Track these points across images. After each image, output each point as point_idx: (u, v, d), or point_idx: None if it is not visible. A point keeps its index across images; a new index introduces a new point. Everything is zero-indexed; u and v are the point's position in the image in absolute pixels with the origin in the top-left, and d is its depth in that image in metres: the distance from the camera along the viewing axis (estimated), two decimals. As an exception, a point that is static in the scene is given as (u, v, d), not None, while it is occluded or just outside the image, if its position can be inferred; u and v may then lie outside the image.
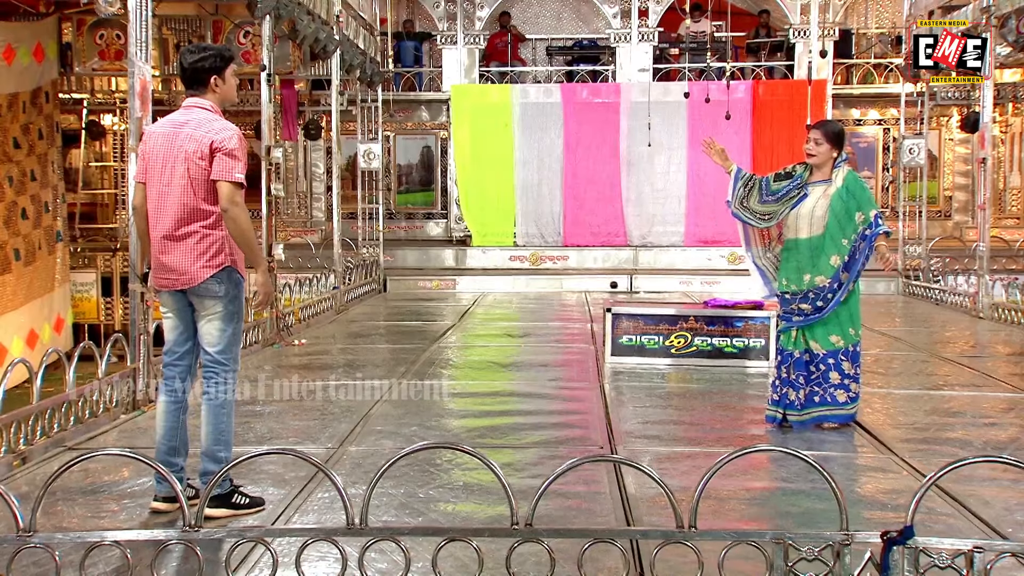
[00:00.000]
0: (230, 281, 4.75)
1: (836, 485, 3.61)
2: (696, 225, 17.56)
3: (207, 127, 4.66)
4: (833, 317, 6.30)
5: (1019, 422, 6.83)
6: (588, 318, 12.22)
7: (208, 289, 4.71)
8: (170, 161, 4.69)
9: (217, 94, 4.79)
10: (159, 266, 4.76)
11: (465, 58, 18.81)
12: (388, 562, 3.86)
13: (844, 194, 6.22)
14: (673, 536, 3.63)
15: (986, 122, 12.87)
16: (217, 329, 4.76)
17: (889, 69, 18.52)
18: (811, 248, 6.27)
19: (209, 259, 4.68)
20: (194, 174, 4.65)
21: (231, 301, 4.77)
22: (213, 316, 4.75)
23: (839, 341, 6.33)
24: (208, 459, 4.74)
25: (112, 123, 18.93)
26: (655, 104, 16.59)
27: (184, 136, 4.67)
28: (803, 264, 6.30)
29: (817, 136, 6.31)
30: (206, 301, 4.74)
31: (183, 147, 4.66)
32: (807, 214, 6.26)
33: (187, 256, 4.69)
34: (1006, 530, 4.46)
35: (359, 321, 12.46)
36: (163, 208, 4.71)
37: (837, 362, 6.33)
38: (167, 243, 4.71)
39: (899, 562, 3.47)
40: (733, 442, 6.17)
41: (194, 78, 4.76)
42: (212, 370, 4.78)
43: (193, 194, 4.66)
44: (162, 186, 4.71)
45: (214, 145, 4.61)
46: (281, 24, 11.20)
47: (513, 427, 6.67)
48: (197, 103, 4.77)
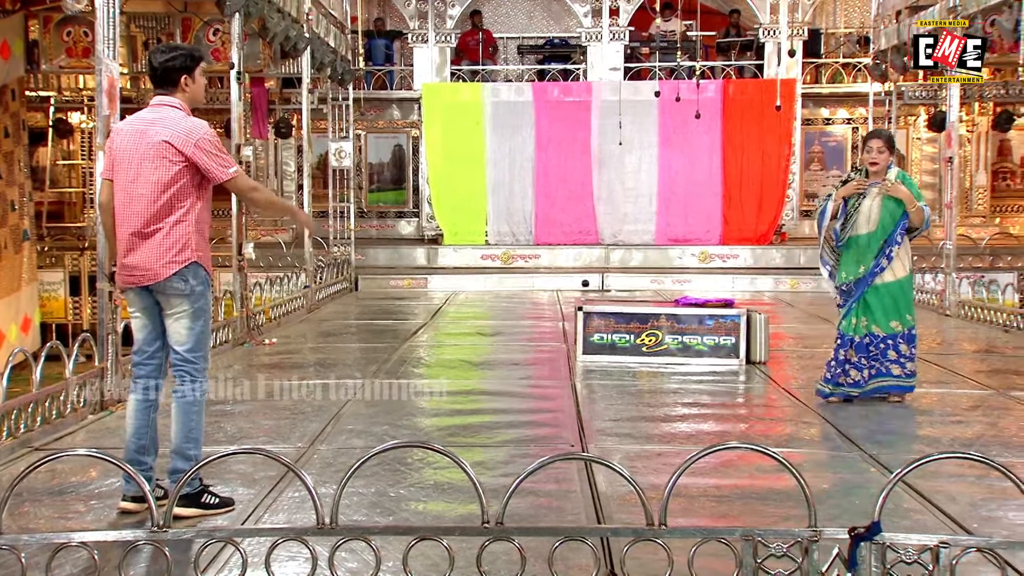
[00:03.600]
0: (196, 278, 4.73)
1: (804, 482, 3.63)
2: (667, 224, 17.62)
3: (178, 126, 4.66)
4: (892, 305, 7.00)
5: (985, 419, 6.90)
6: (560, 316, 12.24)
7: (173, 287, 4.69)
8: (138, 159, 4.68)
9: (187, 93, 4.80)
10: (125, 263, 4.75)
11: (436, 57, 18.78)
12: (359, 561, 3.85)
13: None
14: (643, 534, 3.65)
15: (952, 121, 12.99)
16: (185, 328, 4.74)
17: (857, 69, 18.66)
18: (868, 243, 6.98)
19: (175, 255, 4.68)
20: (163, 171, 4.64)
21: (198, 299, 4.75)
22: (180, 315, 4.73)
23: (898, 326, 7.01)
24: (178, 457, 4.72)
25: (80, 121, 18.76)
26: (626, 103, 16.63)
27: (153, 134, 4.66)
28: (860, 256, 7.01)
29: (879, 145, 6.96)
30: (172, 299, 4.72)
31: (152, 145, 4.65)
32: (865, 213, 6.96)
33: (153, 252, 4.67)
34: (971, 525, 4.50)
35: (330, 320, 12.42)
36: (130, 205, 4.71)
37: (896, 344, 7.02)
38: (134, 240, 4.70)
39: (866, 558, 3.50)
40: (704, 440, 6.20)
41: (164, 77, 4.76)
42: (182, 369, 4.77)
43: (161, 191, 4.65)
44: (129, 183, 4.71)
45: (195, 147, 4.63)
46: (251, 22, 11.15)
47: (484, 426, 6.67)
48: (166, 102, 4.76)
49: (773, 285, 16.11)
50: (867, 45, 17.99)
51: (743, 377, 8.52)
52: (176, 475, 4.63)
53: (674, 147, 17.52)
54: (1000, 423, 6.80)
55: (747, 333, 8.85)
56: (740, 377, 8.52)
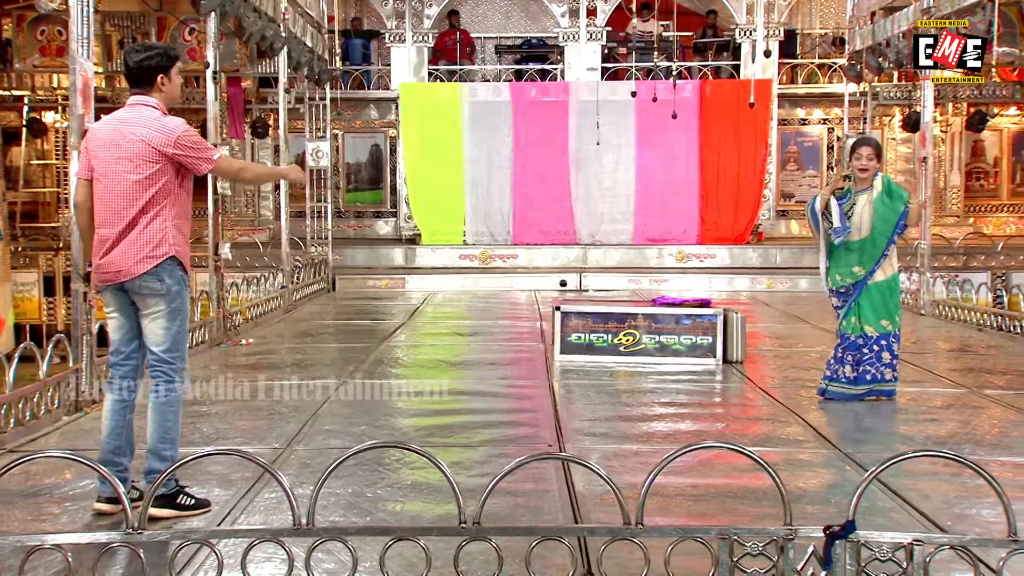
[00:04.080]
0: (172, 277, 4.73)
1: (780, 481, 3.65)
2: (645, 223, 17.65)
3: (156, 126, 4.68)
4: (883, 305, 7.19)
5: (958, 417, 6.95)
6: (537, 316, 12.25)
7: (149, 287, 4.69)
8: (115, 158, 4.68)
9: (163, 93, 4.81)
10: (102, 262, 4.74)
11: (414, 56, 18.75)
12: (335, 562, 3.84)
13: (885, 198, 7.12)
14: (620, 533, 3.66)
15: (927, 122, 13.08)
16: (161, 328, 4.73)
17: (833, 69, 18.77)
18: (860, 248, 7.14)
19: (151, 250, 4.68)
20: (140, 170, 4.66)
21: (174, 298, 4.74)
22: (156, 315, 4.72)
23: (889, 325, 7.21)
24: (154, 458, 4.71)
25: (54, 120, 18.61)
26: (603, 103, 16.65)
27: (130, 134, 4.68)
28: (852, 261, 7.18)
29: (869, 152, 7.16)
30: (147, 299, 4.72)
31: (130, 144, 4.66)
32: (856, 221, 7.11)
33: (129, 249, 4.68)
34: (945, 523, 4.54)
35: (307, 320, 12.37)
36: (108, 204, 4.71)
37: (888, 344, 7.22)
38: (111, 239, 4.70)
39: (841, 556, 3.52)
40: (681, 439, 6.21)
41: (140, 77, 4.77)
42: (159, 369, 4.76)
43: (138, 190, 4.66)
44: (107, 182, 4.71)
45: (177, 145, 4.66)
46: (227, 21, 11.09)
47: (462, 426, 6.66)
48: (143, 101, 4.77)
49: (750, 285, 16.17)
50: (842, 46, 18.09)
51: (720, 376, 8.55)
52: (152, 475, 4.62)
53: (651, 147, 17.56)
54: (973, 421, 6.86)
55: (724, 333, 8.89)
56: (717, 376, 8.56)
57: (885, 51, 14.43)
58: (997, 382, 8.26)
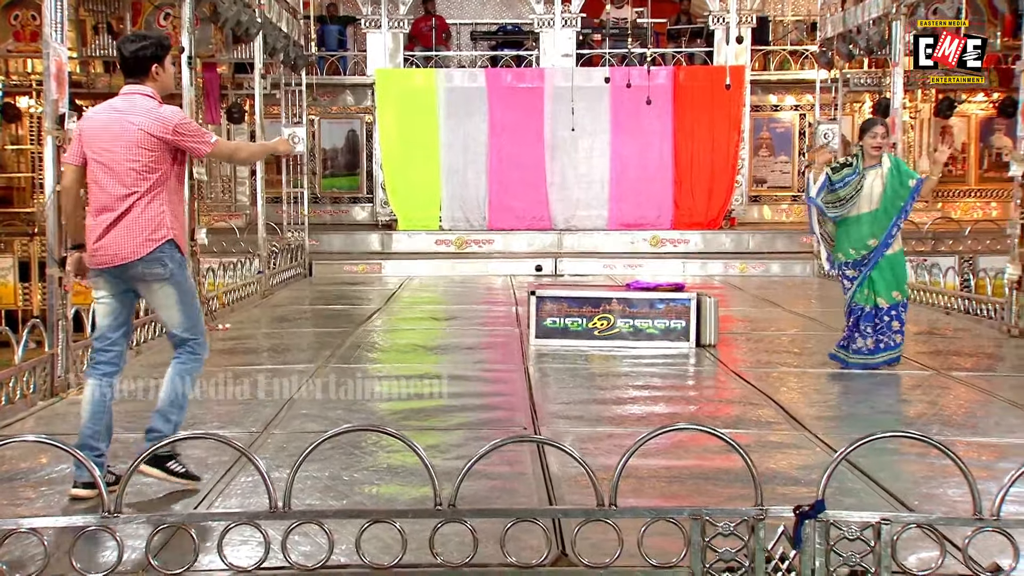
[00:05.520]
0: (173, 260, 4.80)
1: (751, 462, 3.68)
2: (619, 209, 17.66)
3: (153, 115, 4.75)
4: (892, 277, 7.57)
5: (926, 398, 7.02)
6: (513, 301, 12.24)
7: (153, 273, 4.76)
8: (112, 145, 4.74)
9: (158, 82, 4.88)
10: (98, 246, 4.77)
11: (390, 42, 18.65)
12: (312, 545, 3.83)
13: (895, 172, 7.49)
14: (594, 515, 3.67)
15: (896, 108, 13.15)
16: (176, 310, 4.84)
17: (804, 56, 18.82)
18: (872, 219, 7.48)
19: (150, 233, 4.74)
20: (138, 158, 4.72)
21: (179, 280, 4.83)
22: (167, 300, 4.82)
23: (898, 295, 7.61)
24: (160, 418, 4.80)
25: (28, 106, 18.41)
26: (578, 89, 16.62)
27: (127, 123, 4.74)
28: (864, 232, 7.51)
29: (883, 131, 7.57)
30: (152, 285, 4.80)
31: (127, 133, 4.72)
32: (867, 194, 7.47)
33: (127, 232, 4.73)
34: (912, 502, 4.58)
35: (284, 305, 12.32)
36: (104, 189, 4.76)
37: (898, 314, 7.63)
38: (107, 223, 4.74)
39: (811, 535, 3.56)
40: (654, 422, 6.22)
41: (135, 66, 4.83)
42: (184, 347, 4.89)
43: (136, 177, 4.73)
44: (104, 167, 4.76)
45: (175, 131, 4.74)
46: (202, 6, 10.99)
47: (438, 409, 6.66)
48: (138, 90, 4.82)
49: (723, 269, 16.23)
50: (814, 33, 18.13)
51: (693, 360, 8.58)
52: (152, 434, 4.71)
53: (626, 133, 17.56)
54: (940, 402, 6.92)
55: (697, 316, 8.92)
56: (690, 360, 8.59)
57: (855, 38, 14.48)
58: (964, 364, 8.35)
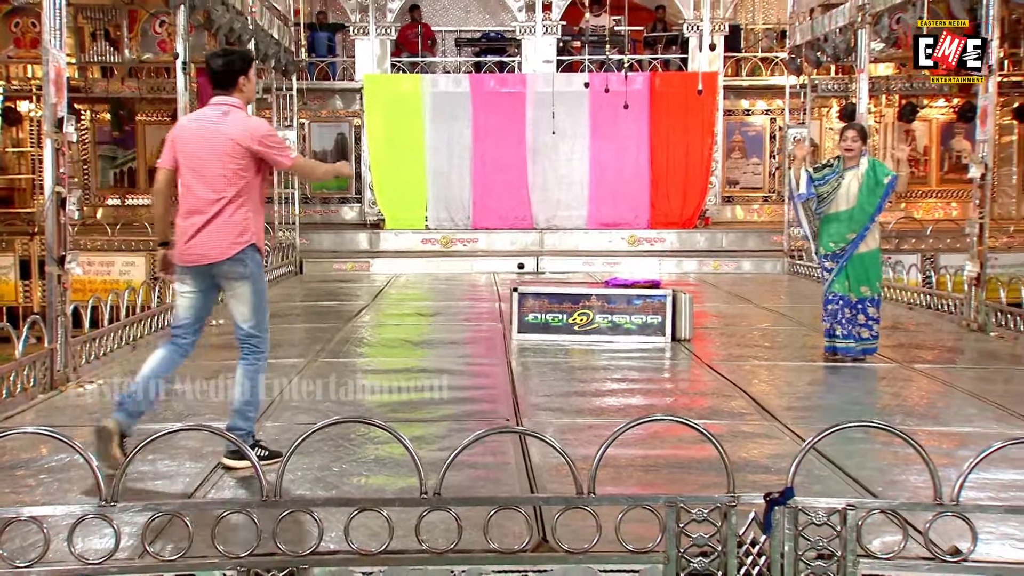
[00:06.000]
0: (253, 262, 5.01)
1: (724, 451, 3.69)
2: (598, 209, 17.68)
3: (243, 124, 4.96)
4: (863, 274, 7.79)
5: (890, 390, 7.06)
6: (496, 297, 12.24)
7: (236, 271, 4.96)
8: (204, 152, 4.91)
9: (244, 93, 5.07)
10: (188, 245, 4.96)
11: (377, 49, 18.60)
12: (302, 532, 3.82)
13: (871, 173, 7.71)
14: (573, 502, 3.68)
15: (862, 112, 13.18)
16: (248, 307, 5.03)
17: (775, 63, 18.87)
18: (849, 216, 7.73)
19: (236, 237, 4.93)
20: (228, 164, 4.91)
21: (256, 281, 5.04)
22: (242, 296, 5.01)
23: (867, 291, 7.81)
24: (239, 416, 5.01)
25: (29, 110, 18.30)
26: (559, 94, 16.63)
27: (219, 131, 4.92)
28: (843, 228, 7.75)
29: (854, 135, 7.79)
30: (234, 282, 4.99)
31: (219, 141, 4.90)
32: (844, 194, 7.73)
33: (216, 235, 4.92)
34: (877, 489, 4.60)
35: (276, 302, 12.25)
36: (196, 193, 4.94)
37: (864, 307, 7.82)
38: (198, 225, 4.92)
39: (780, 521, 3.57)
40: (632, 413, 6.24)
41: (224, 79, 5.03)
42: (248, 343, 5.08)
43: (225, 182, 4.91)
44: (196, 173, 4.94)
45: (261, 142, 4.93)
46: (196, 14, 10.94)
47: (424, 402, 6.66)
48: (227, 101, 5.02)
49: (697, 267, 16.27)
50: (784, 40, 18.19)
51: (669, 354, 8.60)
52: (236, 431, 4.83)
53: (604, 136, 17.57)
54: (904, 393, 6.97)
55: (673, 312, 8.93)
56: (666, 354, 8.61)
57: (823, 46, 14.52)
58: (926, 357, 8.40)
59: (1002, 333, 9.31)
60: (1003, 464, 4.74)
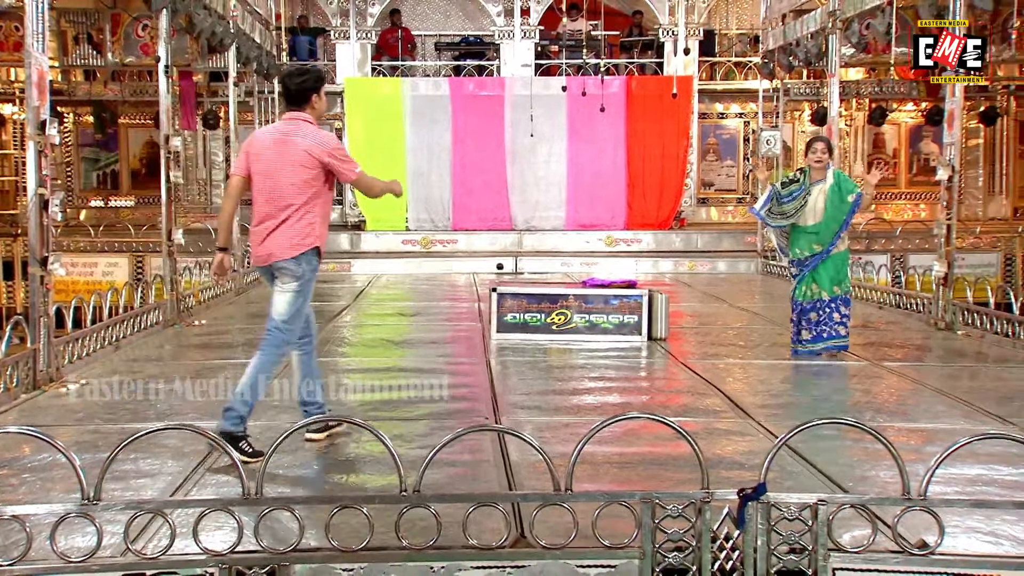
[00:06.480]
0: (309, 264, 5.27)
1: (698, 448, 3.70)
2: (576, 211, 17.70)
3: (315, 137, 5.23)
4: (835, 273, 7.92)
5: (861, 387, 7.10)
6: (476, 298, 12.23)
7: (288, 268, 5.23)
8: (278, 163, 5.19)
9: (316, 109, 5.33)
10: (259, 248, 5.30)
11: (358, 52, 18.56)
12: (283, 530, 3.80)
13: (837, 188, 7.80)
14: (551, 499, 3.68)
15: (833, 116, 13.30)
16: (287, 302, 5.28)
17: (748, 67, 18.95)
18: (816, 231, 7.85)
19: (300, 240, 5.21)
20: (300, 174, 5.18)
21: (305, 282, 5.29)
22: (287, 291, 5.27)
23: (838, 290, 7.96)
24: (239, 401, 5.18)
25: (12, 113, 18.15)
26: (537, 97, 16.65)
27: (293, 143, 5.18)
28: (811, 240, 7.89)
29: (823, 147, 7.90)
30: (284, 277, 5.26)
31: (293, 152, 5.17)
32: (812, 209, 7.84)
33: (282, 238, 5.21)
34: (847, 484, 4.63)
35: (258, 302, 12.21)
36: (269, 201, 5.22)
37: (837, 306, 7.96)
38: (269, 229, 5.23)
39: (753, 516, 3.59)
40: (608, 411, 6.24)
41: (298, 96, 5.29)
42: (272, 332, 5.32)
43: (297, 191, 5.18)
44: (269, 183, 5.21)
45: (330, 155, 5.19)
46: (178, 18, 10.88)
47: (404, 401, 6.64)
48: (300, 116, 5.28)
49: (673, 267, 16.33)
50: (757, 45, 18.27)
51: (645, 352, 8.62)
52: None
53: (582, 139, 17.60)
54: (874, 390, 7.01)
55: (649, 312, 8.96)
56: (642, 352, 8.63)
57: (795, 50, 14.61)
58: (895, 355, 8.45)
59: (969, 332, 9.39)
60: (969, 459, 4.79)
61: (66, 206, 17.23)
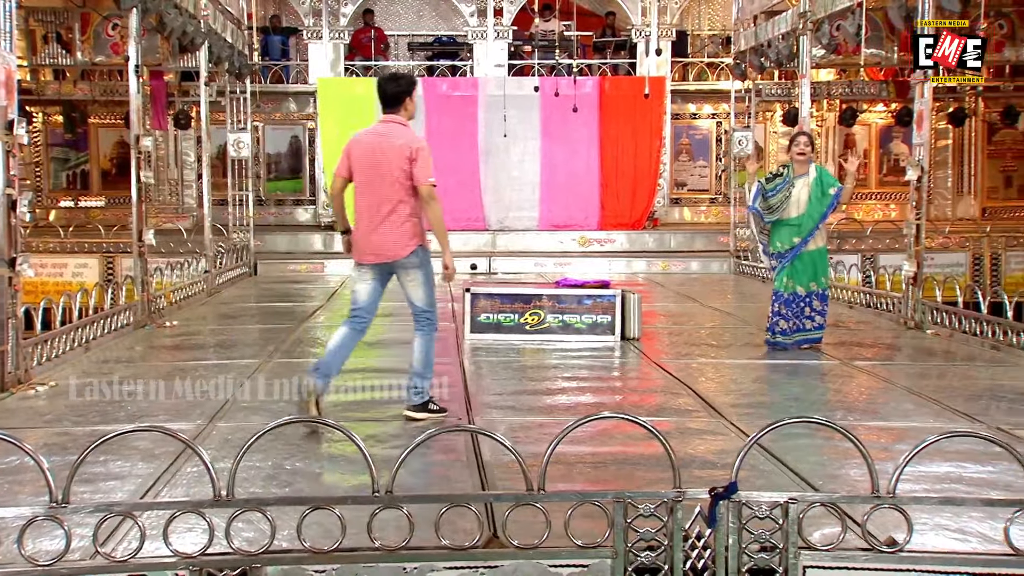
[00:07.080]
0: (423, 254, 5.86)
1: (670, 448, 3.71)
2: (549, 211, 17.71)
3: (409, 136, 5.78)
4: (812, 269, 8.16)
5: (832, 386, 7.16)
6: (449, 298, 12.18)
7: (410, 262, 5.81)
8: (377, 162, 5.70)
9: (407, 111, 5.89)
10: (367, 244, 5.81)
11: (331, 52, 18.50)
12: (255, 531, 3.78)
13: (819, 182, 8.05)
14: (523, 499, 3.68)
15: (804, 116, 13.37)
16: (422, 290, 5.92)
17: (720, 68, 19.04)
18: (798, 223, 8.08)
19: (409, 239, 5.78)
20: (398, 173, 5.68)
21: (426, 268, 5.89)
22: (416, 282, 5.89)
23: (814, 286, 8.19)
24: (418, 377, 5.90)
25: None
26: (510, 98, 16.65)
27: (390, 142, 5.72)
28: (792, 232, 8.11)
29: (806, 141, 8.18)
30: (410, 271, 5.85)
31: (392, 150, 5.68)
32: (795, 201, 8.06)
33: (390, 237, 5.75)
34: (817, 483, 4.66)
35: (230, 303, 12.15)
36: (373, 199, 5.73)
37: (811, 300, 8.21)
38: (376, 226, 5.75)
39: (725, 515, 3.60)
40: (582, 411, 6.25)
41: (394, 100, 5.85)
42: (422, 316, 5.96)
43: (398, 188, 5.69)
44: (371, 181, 5.72)
45: (414, 153, 5.68)
46: (149, 17, 10.79)
47: (377, 401, 6.62)
48: (394, 119, 5.84)
49: (646, 267, 16.37)
50: (729, 46, 18.36)
51: (618, 352, 8.65)
52: (414, 389, 5.90)
53: (555, 139, 17.60)
54: (844, 389, 7.06)
55: (622, 312, 8.98)
56: (616, 352, 8.65)
57: (767, 52, 14.69)
58: (865, 354, 8.52)
59: (938, 331, 9.48)
60: (938, 457, 4.84)
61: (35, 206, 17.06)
